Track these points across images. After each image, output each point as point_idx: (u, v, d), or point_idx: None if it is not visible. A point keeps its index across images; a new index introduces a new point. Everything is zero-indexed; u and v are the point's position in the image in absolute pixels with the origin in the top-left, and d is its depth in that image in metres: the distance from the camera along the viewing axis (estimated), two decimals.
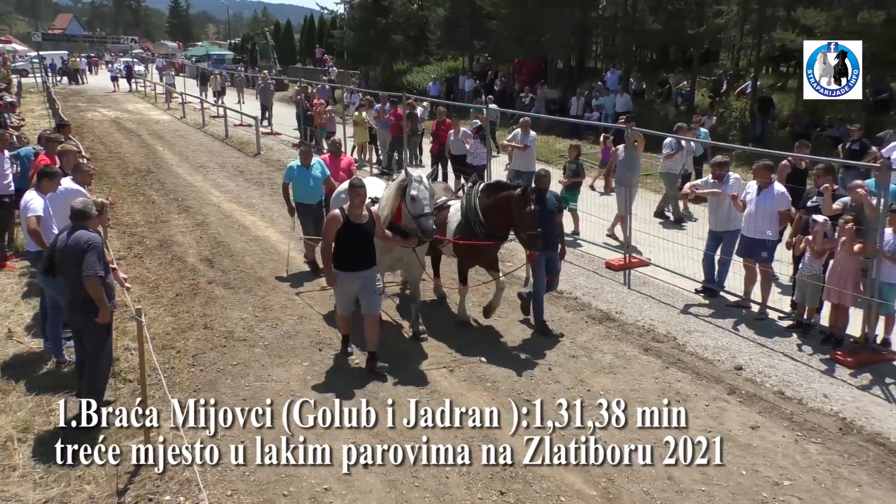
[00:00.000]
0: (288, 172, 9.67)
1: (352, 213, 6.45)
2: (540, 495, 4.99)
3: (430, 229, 6.76)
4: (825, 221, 7.33)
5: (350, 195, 6.52)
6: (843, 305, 7.25)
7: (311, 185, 9.51)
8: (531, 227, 7.03)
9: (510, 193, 7.09)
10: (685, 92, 22.50)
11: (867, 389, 6.56)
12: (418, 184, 6.80)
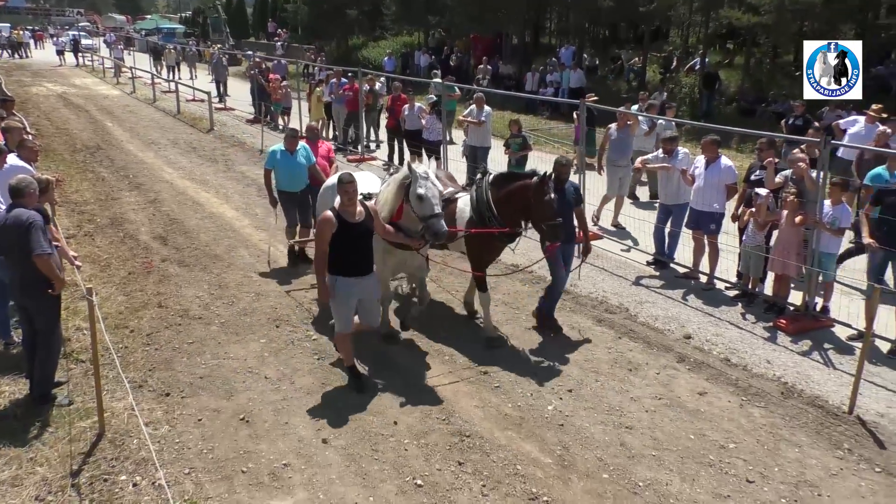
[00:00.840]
0: (270, 158, 8.80)
1: (344, 211, 5.73)
2: (497, 465, 5.11)
3: (442, 232, 5.96)
4: (768, 194, 7.58)
5: (339, 192, 5.79)
6: (786, 275, 7.54)
7: (296, 172, 8.79)
8: (551, 216, 6.45)
9: (526, 183, 6.51)
10: (637, 68, 22.79)
11: (807, 355, 6.86)
12: (424, 180, 5.99)
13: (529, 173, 6.63)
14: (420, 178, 5.99)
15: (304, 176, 8.83)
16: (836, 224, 7.14)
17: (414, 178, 6.02)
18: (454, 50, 28.45)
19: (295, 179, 8.81)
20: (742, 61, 22.29)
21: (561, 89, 21.58)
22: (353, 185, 5.72)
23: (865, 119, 10.87)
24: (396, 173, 6.41)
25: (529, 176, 6.57)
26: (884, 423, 5.68)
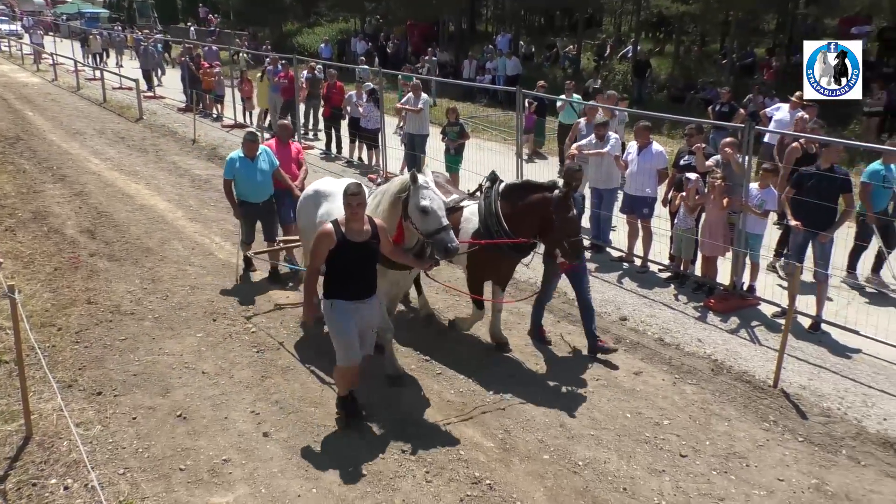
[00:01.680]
0: (229, 167, 7.82)
1: (350, 228, 4.96)
2: (440, 451, 5.15)
3: (454, 247, 5.21)
4: (697, 178, 7.83)
5: (344, 206, 4.99)
6: (714, 256, 7.82)
7: (259, 181, 7.83)
8: (574, 233, 5.91)
9: (545, 196, 5.87)
10: (572, 56, 23.11)
11: (735, 333, 7.15)
12: (426, 191, 5.22)
13: (548, 185, 5.98)
14: (422, 189, 5.21)
15: (269, 184, 7.96)
16: (762, 206, 7.44)
17: (414, 190, 5.23)
18: (391, 37, 28.24)
19: (258, 189, 7.88)
20: (672, 49, 22.90)
21: (498, 76, 21.71)
22: (360, 198, 4.92)
23: (789, 106, 11.32)
24: (386, 185, 5.59)
25: (548, 188, 5.93)
26: (805, 395, 5.98)
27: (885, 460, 5.16)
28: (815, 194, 6.97)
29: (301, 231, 6.85)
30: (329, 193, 6.35)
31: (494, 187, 6.19)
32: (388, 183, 5.63)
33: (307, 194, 6.65)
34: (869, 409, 5.80)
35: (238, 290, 7.89)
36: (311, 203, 6.46)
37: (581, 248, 6.06)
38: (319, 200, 6.39)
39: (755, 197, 7.51)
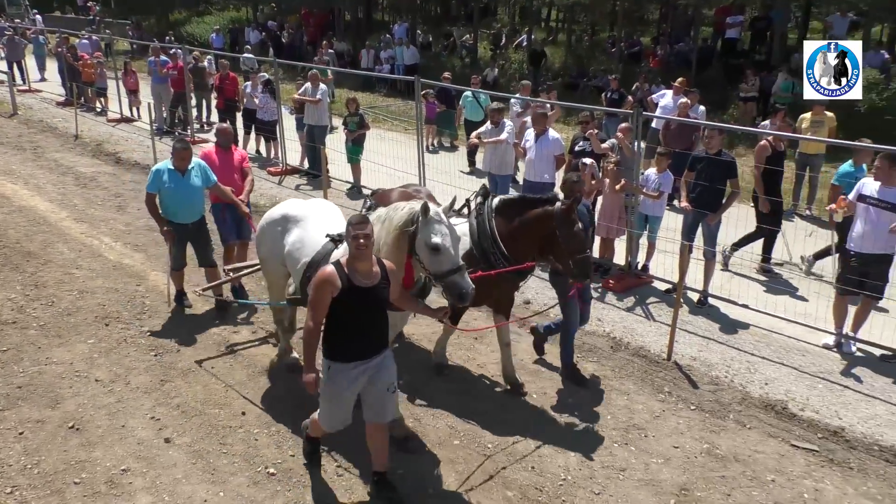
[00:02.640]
0: (153, 179, 6.69)
1: (355, 270, 4.07)
2: (352, 444, 5.12)
3: (469, 291, 4.35)
4: (592, 164, 8.12)
5: (349, 243, 4.07)
6: (610, 238, 8.15)
7: (189, 199, 6.74)
8: (581, 249, 5.29)
9: (546, 210, 5.28)
10: (469, 45, 23.33)
11: (632, 310, 7.49)
12: (438, 224, 4.33)
13: (548, 198, 5.44)
14: (433, 223, 4.31)
15: (200, 203, 6.89)
16: (659, 188, 7.80)
17: (424, 223, 4.32)
18: (285, 26, 27.56)
19: (187, 208, 6.77)
20: (565, 39, 23.55)
21: (396, 66, 21.64)
22: (367, 231, 4.04)
23: (673, 92, 11.90)
24: (385, 212, 4.58)
25: (548, 201, 5.38)
26: (696, 366, 6.35)
27: (767, 422, 5.56)
28: (706, 178, 7.39)
29: (262, 261, 5.82)
30: (300, 218, 5.38)
31: (487, 203, 5.52)
32: (386, 210, 4.60)
33: (272, 218, 5.57)
34: (752, 375, 6.23)
35: (131, 292, 7.52)
36: (276, 229, 5.46)
37: (590, 267, 5.41)
38: (288, 226, 5.39)
39: (653, 181, 7.87)
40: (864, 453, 5.18)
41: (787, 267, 8.26)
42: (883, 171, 6.24)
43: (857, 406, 5.74)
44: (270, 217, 5.62)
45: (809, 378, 6.16)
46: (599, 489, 4.74)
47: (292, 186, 11.92)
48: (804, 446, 5.25)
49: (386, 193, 6.43)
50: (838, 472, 4.98)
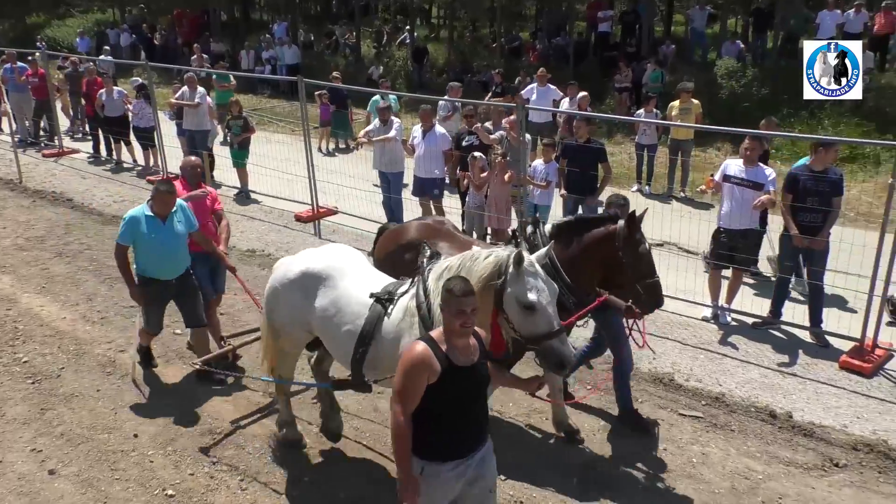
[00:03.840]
0: (128, 229, 5.47)
1: (454, 347, 3.22)
2: (254, 455, 4.99)
3: (570, 359, 3.71)
4: (481, 157, 8.28)
5: (452, 316, 3.17)
6: (503, 229, 8.33)
7: (173, 250, 5.57)
8: (650, 272, 4.69)
9: (608, 230, 4.65)
10: (351, 43, 23.15)
11: None
12: (533, 277, 3.59)
13: (608, 216, 4.81)
14: (527, 275, 3.57)
15: (185, 253, 5.72)
16: (546, 178, 8.05)
17: (515, 276, 3.58)
18: (157, 28, 26.30)
19: (171, 261, 5.61)
20: (447, 35, 23.83)
21: (279, 66, 21.15)
22: (475, 303, 3.21)
23: (537, 84, 12.32)
24: (459, 260, 3.81)
25: (609, 219, 4.75)
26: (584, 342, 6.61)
27: (656, 394, 5.87)
28: (578, 164, 7.75)
29: (274, 330, 4.71)
30: (326, 274, 4.37)
31: (539, 231, 4.97)
32: (460, 259, 3.80)
33: (288, 278, 4.50)
34: (641, 351, 6.49)
35: (2, 318, 6.96)
36: (296, 292, 4.43)
37: (661, 293, 4.80)
38: (313, 286, 4.38)
39: (541, 171, 8.11)
40: (742, 415, 5.57)
41: (666, 247, 8.73)
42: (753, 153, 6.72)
43: (734, 372, 6.16)
44: (286, 277, 4.52)
45: (692, 350, 6.56)
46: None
47: None
48: (690, 414, 5.59)
49: (401, 229, 5.64)
50: (721, 436, 5.33)
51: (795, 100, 14.92)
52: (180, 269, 5.68)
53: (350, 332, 4.12)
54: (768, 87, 15.39)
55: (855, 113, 14.05)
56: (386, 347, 3.99)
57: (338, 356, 4.42)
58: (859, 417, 5.47)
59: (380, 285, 4.23)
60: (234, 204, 10.79)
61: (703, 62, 17.73)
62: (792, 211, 6.52)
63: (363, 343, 4.06)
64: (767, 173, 6.68)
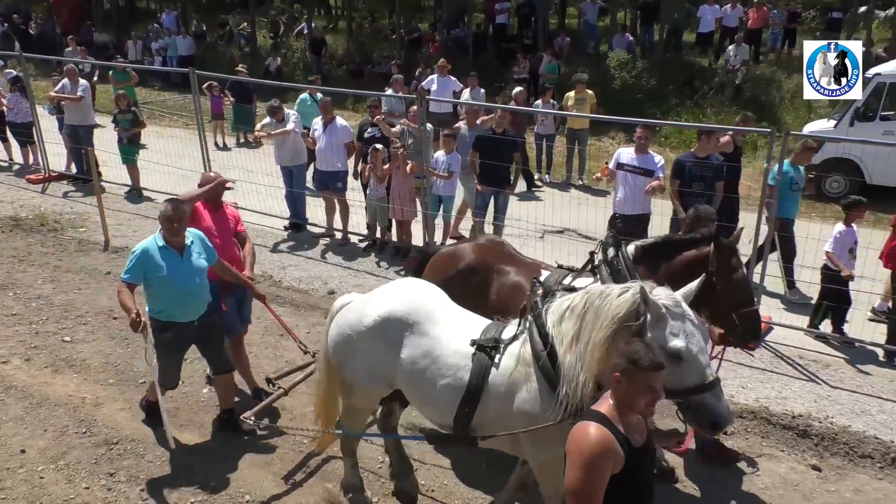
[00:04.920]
0: (137, 264, 4.57)
1: (629, 423, 2.70)
2: (154, 463, 4.80)
3: (727, 417, 3.13)
4: (382, 149, 8.25)
5: (632, 382, 2.63)
6: (407, 220, 8.36)
7: (194, 287, 4.70)
8: (748, 300, 4.26)
9: (701, 252, 4.21)
10: (246, 34, 22.48)
11: None
12: (679, 319, 3.04)
13: (702, 236, 4.31)
14: (670, 317, 3.02)
15: (206, 290, 4.84)
16: (449, 169, 8.10)
17: (657, 318, 3.02)
18: (32, 16, 24.56)
19: (192, 299, 4.74)
20: (345, 26, 23.55)
21: (169, 58, 20.25)
22: (661, 374, 2.68)
23: (438, 73, 12.41)
24: (592, 297, 3.19)
25: (702, 240, 4.27)
26: None
27: None
28: (494, 157, 7.86)
29: (346, 385, 4.04)
30: (415, 320, 3.73)
31: (621, 252, 4.26)
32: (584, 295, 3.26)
33: (366, 325, 3.81)
34: None
35: None
36: (377, 343, 3.78)
37: (759, 324, 4.38)
38: (399, 334, 3.73)
39: (443, 162, 8.16)
40: None
41: (566, 234, 9.02)
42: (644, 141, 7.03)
43: None
44: (362, 323, 3.82)
45: None
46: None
47: (59, 194, 10.74)
48: None
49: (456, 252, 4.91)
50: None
51: (681, 90, 15.80)
52: (203, 307, 4.79)
53: (450, 387, 3.52)
54: (656, 78, 16.12)
55: (734, 102, 14.95)
56: (497, 403, 3.42)
57: (431, 414, 3.79)
58: (744, 387, 5.85)
59: (476, 328, 3.64)
60: (125, 203, 10.29)
61: (595, 54, 18.37)
62: (679, 196, 6.88)
63: (470, 399, 3.45)
64: (657, 160, 7.02)
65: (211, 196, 5.30)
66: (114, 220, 9.27)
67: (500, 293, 4.52)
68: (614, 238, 4.35)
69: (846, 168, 10.55)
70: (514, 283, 4.52)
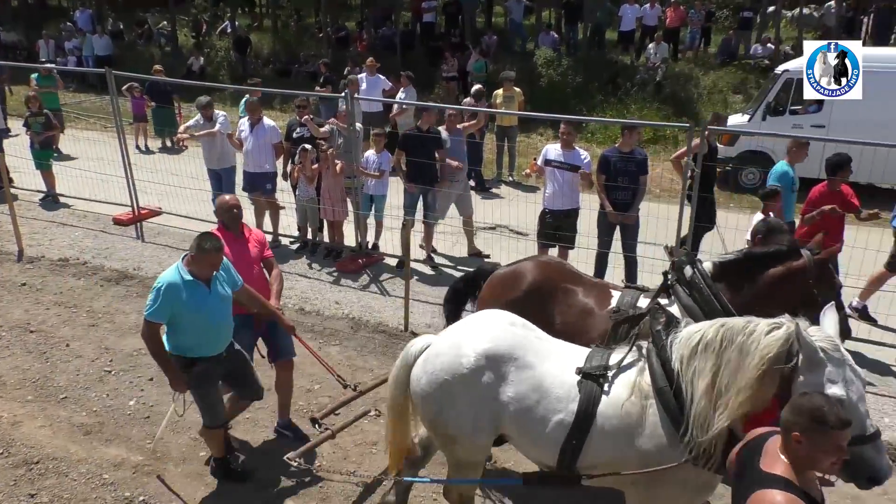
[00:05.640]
0: (165, 302, 4.09)
1: (807, 479, 2.40)
2: (79, 482, 4.60)
3: (887, 471, 2.80)
4: (311, 149, 8.14)
5: (818, 441, 2.31)
6: (338, 221, 8.28)
7: (220, 319, 4.32)
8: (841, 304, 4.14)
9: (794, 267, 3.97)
10: (167, 32, 21.80)
11: (367, 289, 7.71)
12: (838, 364, 2.75)
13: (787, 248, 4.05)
14: (828, 362, 2.74)
15: (231, 320, 4.46)
16: (379, 167, 8.06)
17: (813, 360, 2.74)
18: None
19: (219, 332, 4.37)
20: (270, 24, 23.12)
21: (85, 57, 19.42)
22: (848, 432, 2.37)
23: (367, 73, 12.35)
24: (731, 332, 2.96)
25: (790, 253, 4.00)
26: (431, 332, 6.73)
27: None
28: (420, 155, 7.86)
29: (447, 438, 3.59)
30: (517, 355, 3.42)
31: (697, 271, 3.99)
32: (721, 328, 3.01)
33: (467, 366, 3.40)
34: None
35: None
36: (482, 383, 3.39)
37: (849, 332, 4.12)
38: (505, 372, 3.40)
39: (373, 161, 8.11)
40: None
41: (498, 230, 9.12)
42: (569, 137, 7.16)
43: None
44: (461, 366, 3.41)
45: None
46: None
47: None
48: None
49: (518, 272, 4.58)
50: None
51: (605, 87, 16.21)
52: (227, 338, 4.43)
53: (560, 422, 3.26)
54: (581, 76, 16.49)
55: (656, 98, 15.45)
56: (607, 436, 3.18)
57: (539, 454, 3.45)
58: None
59: (578, 356, 3.42)
60: (40, 210, 9.83)
61: (522, 52, 18.63)
62: (606, 190, 7.06)
63: (579, 431, 3.22)
64: (583, 156, 7.18)
65: (228, 221, 4.88)
66: (28, 229, 8.85)
67: (567, 316, 4.26)
68: (689, 256, 4.11)
69: (761, 160, 11.03)
70: (582, 305, 4.27)
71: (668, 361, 3.08)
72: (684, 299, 3.91)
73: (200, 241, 4.11)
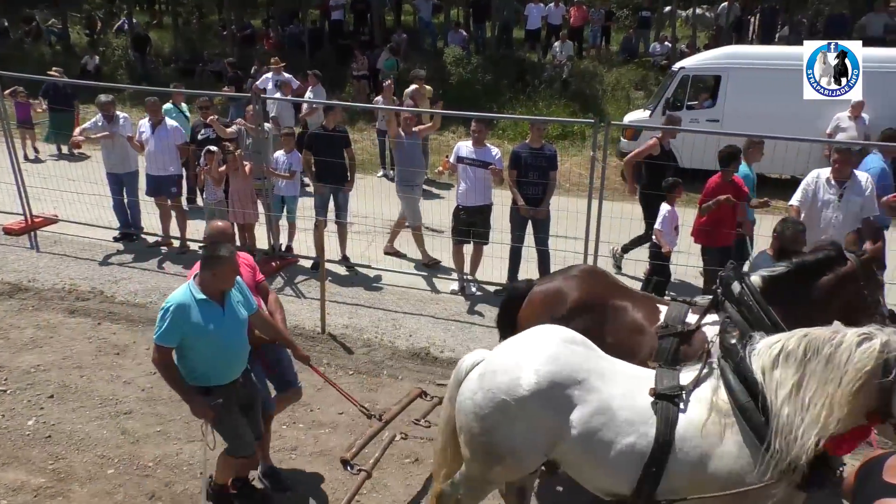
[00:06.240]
0: (173, 322, 3.74)
1: None
2: None
3: None
4: (218, 151, 7.90)
5: None
6: (249, 224, 8.08)
7: (238, 343, 4.00)
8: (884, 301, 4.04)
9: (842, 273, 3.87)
10: (58, 30, 20.63)
11: (282, 291, 7.55)
12: None
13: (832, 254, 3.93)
14: None
15: (246, 346, 4.10)
16: (290, 168, 7.91)
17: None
18: None
19: (236, 356, 4.02)
20: (171, 22, 22.28)
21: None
22: None
23: (272, 73, 12.12)
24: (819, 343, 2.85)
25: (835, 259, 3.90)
26: (349, 333, 6.71)
27: (415, 370, 6.14)
28: (328, 154, 7.76)
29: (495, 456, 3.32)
30: (582, 377, 3.20)
31: (745, 286, 3.86)
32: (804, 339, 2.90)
33: (527, 388, 3.18)
34: (398, 330, 6.81)
35: None
36: (544, 405, 3.17)
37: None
38: (568, 394, 3.18)
39: (283, 162, 7.95)
40: None
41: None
42: (480, 135, 7.26)
43: (482, 338, 6.65)
44: (521, 387, 3.19)
45: (444, 322, 6.97)
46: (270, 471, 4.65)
47: None
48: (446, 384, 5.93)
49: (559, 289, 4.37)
50: None
51: (514, 85, 16.51)
52: (244, 363, 4.09)
53: (632, 446, 3.06)
54: (491, 74, 16.73)
55: (563, 95, 15.87)
56: (689, 460, 3.00)
57: (604, 482, 3.22)
58: None
59: (646, 377, 3.25)
60: None
61: (433, 50, 18.73)
62: (517, 185, 7.19)
63: (659, 457, 3.01)
64: (494, 153, 7.29)
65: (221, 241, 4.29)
66: None
67: (618, 333, 4.10)
68: (735, 271, 3.98)
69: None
70: (632, 322, 4.12)
71: (748, 375, 2.96)
72: (734, 315, 3.80)
73: (215, 250, 3.80)
